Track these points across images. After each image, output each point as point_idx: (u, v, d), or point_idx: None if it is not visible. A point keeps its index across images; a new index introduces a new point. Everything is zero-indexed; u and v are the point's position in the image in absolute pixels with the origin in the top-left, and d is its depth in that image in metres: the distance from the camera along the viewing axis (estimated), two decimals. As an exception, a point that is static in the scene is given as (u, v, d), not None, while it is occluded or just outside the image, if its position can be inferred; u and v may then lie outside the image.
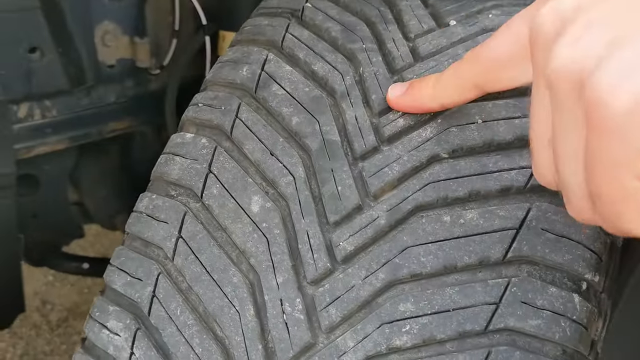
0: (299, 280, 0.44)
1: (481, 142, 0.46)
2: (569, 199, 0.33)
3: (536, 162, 0.36)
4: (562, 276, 0.43)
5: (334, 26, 0.53)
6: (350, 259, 0.44)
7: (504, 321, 0.41)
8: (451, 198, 0.44)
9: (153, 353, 0.44)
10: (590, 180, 0.29)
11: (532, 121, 0.34)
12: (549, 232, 0.43)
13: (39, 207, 1.19)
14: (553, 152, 0.32)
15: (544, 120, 0.33)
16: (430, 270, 0.42)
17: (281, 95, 0.50)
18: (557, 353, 0.41)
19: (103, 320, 0.47)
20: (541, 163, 0.35)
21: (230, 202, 0.47)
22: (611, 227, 0.30)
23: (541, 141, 0.34)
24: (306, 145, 0.48)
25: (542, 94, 0.32)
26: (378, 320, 0.42)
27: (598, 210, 0.30)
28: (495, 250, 0.43)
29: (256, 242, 0.45)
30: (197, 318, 0.45)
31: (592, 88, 0.27)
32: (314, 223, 0.45)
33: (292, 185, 0.47)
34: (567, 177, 0.32)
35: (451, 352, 0.41)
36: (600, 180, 0.28)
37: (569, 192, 0.32)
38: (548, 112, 0.32)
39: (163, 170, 0.50)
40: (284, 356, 0.42)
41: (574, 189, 0.32)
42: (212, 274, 0.45)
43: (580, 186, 0.31)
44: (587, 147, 0.28)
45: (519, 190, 0.44)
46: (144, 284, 0.46)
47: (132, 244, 0.49)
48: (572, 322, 0.42)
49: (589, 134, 0.28)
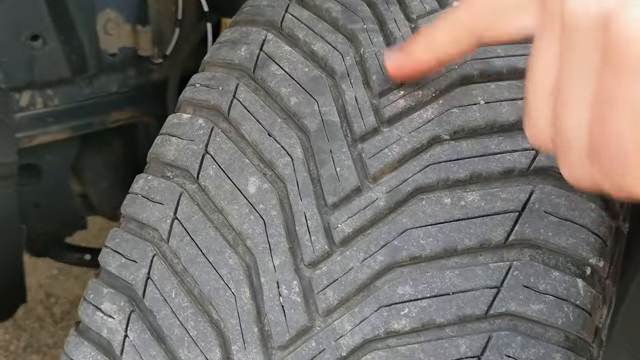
0: (296, 263, 0.43)
1: (483, 124, 0.45)
2: (566, 158, 0.32)
3: (532, 119, 0.34)
4: (566, 260, 0.42)
5: (335, 6, 0.52)
6: (349, 242, 0.43)
7: (506, 305, 0.40)
8: (452, 180, 0.43)
9: (147, 335, 0.44)
10: (600, 130, 0.28)
11: (534, 71, 0.32)
12: (552, 215, 0.42)
13: (41, 197, 1.19)
14: (557, 104, 0.31)
15: (548, 69, 0.31)
16: (430, 253, 0.42)
17: (280, 76, 0.49)
18: (559, 339, 0.40)
19: (97, 302, 0.46)
20: (538, 119, 0.33)
21: (227, 184, 0.46)
22: (612, 184, 0.29)
23: (541, 93, 0.32)
24: (305, 126, 0.47)
25: (551, 39, 0.31)
26: (376, 303, 0.41)
27: (601, 166, 0.29)
28: (496, 233, 0.42)
29: (253, 223, 0.44)
30: (192, 300, 0.44)
31: (619, 26, 0.26)
32: (311, 205, 0.44)
33: (290, 166, 0.46)
34: (570, 130, 0.30)
35: (451, 337, 0.40)
36: (616, 127, 0.27)
37: (569, 148, 0.31)
38: (555, 59, 0.31)
39: (159, 151, 0.49)
40: (280, 339, 0.41)
41: (576, 144, 0.30)
42: (208, 256, 0.44)
43: (583, 140, 0.30)
44: (604, 92, 0.27)
45: (521, 173, 0.43)
46: (138, 265, 0.46)
47: (127, 225, 0.48)
48: (575, 308, 0.41)
49: (608, 76, 0.27)
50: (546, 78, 0.31)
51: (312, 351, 0.41)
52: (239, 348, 0.42)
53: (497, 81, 0.47)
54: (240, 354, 0.42)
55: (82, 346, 0.45)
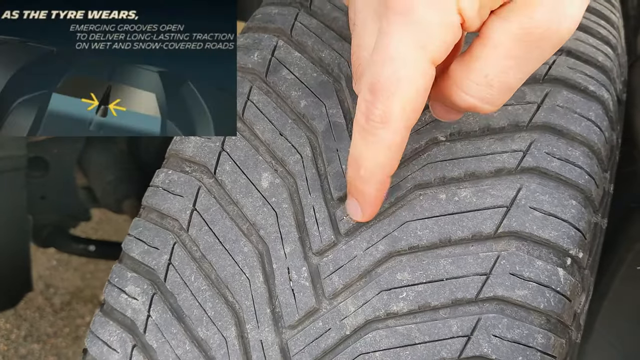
0: (304, 251, 0.47)
1: (477, 127, 0.50)
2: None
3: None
4: (549, 251, 0.46)
5: (341, 16, 0.56)
6: (353, 232, 0.47)
7: (493, 290, 0.44)
8: (447, 177, 0.48)
9: (168, 315, 0.48)
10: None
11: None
12: (537, 210, 0.46)
13: (48, 189, 1.23)
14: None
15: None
16: (426, 243, 0.46)
17: (290, 80, 0.53)
18: (541, 321, 0.45)
19: (122, 285, 0.50)
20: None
21: (242, 178, 0.50)
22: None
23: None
24: (313, 127, 0.51)
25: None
26: (377, 288, 0.45)
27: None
28: (486, 225, 0.46)
29: (266, 215, 0.49)
30: (210, 284, 0.48)
31: None
32: (319, 198, 0.48)
33: (300, 163, 0.50)
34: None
35: (444, 318, 0.44)
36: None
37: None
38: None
39: (178, 147, 0.54)
40: (290, 319, 0.46)
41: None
42: (224, 244, 0.49)
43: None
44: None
45: (510, 172, 0.48)
46: (160, 252, 0.50)
47: (149, 215, 0.53)
48: (556, 294, 0.45)
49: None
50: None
51: (319, 330, 0.45)
52: (252, 327, 0.46)
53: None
54: (254, 332, 0.46)
55: (107, 325, 0.49)
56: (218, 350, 0.46)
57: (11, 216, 1.10)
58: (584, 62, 0.54)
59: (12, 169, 1.07)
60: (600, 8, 0.61)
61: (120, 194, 1.28)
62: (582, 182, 0.48)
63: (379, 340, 0.44)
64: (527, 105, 0.50)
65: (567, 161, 0.48)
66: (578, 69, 0.53)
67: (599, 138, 0.50)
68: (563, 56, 0.54)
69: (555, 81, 0.52)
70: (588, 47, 0.56)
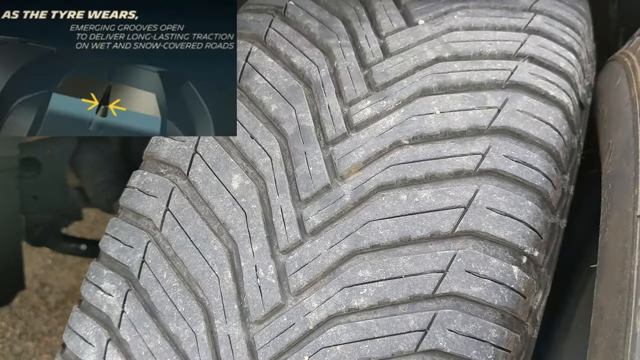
0: (272, 249, 0.49)
1: (438, 131, 0.52)
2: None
3: None
4: (504, 250, 0.48)
5: (313, 23, 0.58)
6: (318, 232, 0.49)
7: (450, 287, 0.46)
8: (409, 179, 0.50)
9: (142, 311, 0.50)
10: None
11: None
12: (493, 211, 0.49)
13: (40, 189, 1.24)
14: None
15: None
16: (387, 242, 0.48)
17: (262, 85, 0.55)
18: (496, 317, 0.47)
19: (98, 282, 0.52)
20: None
21: (213, 180, 0.53)
22: None
23: None
24: (283, 130, 0.53)
25: None
26: (339, 285, 0.47)
27: None
28: (444, 225, 0.48)
29: (235, 215, 0.51)
30: (181, 281, 0.50)
31: None
32: (287, 199, 0.51)
33: (269, 165, 0.52)
34: None
35: (403, 313, 0.46)
36: None
37: None
38: None
39: (154, 150, 0.56)
40: (256, 315, 0.48)
41: None
42: (196, 243, 0.51)
43: None
44: None
45: (469, 174, 0.50)
46: (134, 250, 0.52)
47: (125, 215, 0.55)
48: (510, 290, 0.47)
49: None
50: None
51: (283, 325, 0.47)
52: (221, 322, 0.48)
53: (452, 93, 0.54)
54: (222, 327, 0.48)
55: (84, 320, 0.51)
56: (188, 344, 0.48)
57: (4, 216, 1.12)
58: (546, 68, 0.56)
59: (5, 170, 1.09)
60: (566, 15, 0.63)
61: (110, 194, 1.30)
62: (539, 184, 0.50)
63: (340, 335, 0.46)
64: (487, 110, 0.52)
65: (525, 163, 0.50)
66: (539, 74, 0.55)
67: (557, 141, 0.53)
68: (526, 62, 0.56)
69: (516, 86, 0.54)
70: (551, 53, 0.58)
